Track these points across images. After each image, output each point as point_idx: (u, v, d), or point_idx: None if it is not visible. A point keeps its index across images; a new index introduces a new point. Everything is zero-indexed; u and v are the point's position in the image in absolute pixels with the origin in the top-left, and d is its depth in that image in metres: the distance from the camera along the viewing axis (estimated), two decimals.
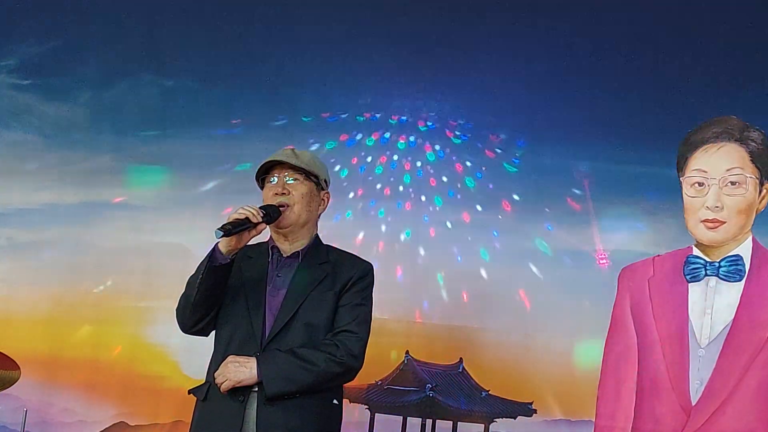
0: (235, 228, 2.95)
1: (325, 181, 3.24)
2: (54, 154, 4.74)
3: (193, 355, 4.33)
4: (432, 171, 4.59)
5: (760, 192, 3.80)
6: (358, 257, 3.25)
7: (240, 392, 2.99)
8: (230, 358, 3.02)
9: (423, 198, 4.58)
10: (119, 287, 4.56)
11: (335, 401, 3.11)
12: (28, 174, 4.72)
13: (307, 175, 3.16)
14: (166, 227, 4.61)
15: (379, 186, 4.61)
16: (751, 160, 3.78)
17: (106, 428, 4.42)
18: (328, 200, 3.26)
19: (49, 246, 4.63)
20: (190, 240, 4.52)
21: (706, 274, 3.80)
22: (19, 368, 3.73)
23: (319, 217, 3.25)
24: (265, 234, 3.16)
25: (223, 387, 2.99)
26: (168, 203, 4.64)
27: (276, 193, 3.13)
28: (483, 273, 4.43)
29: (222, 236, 2.94)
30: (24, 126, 4.80)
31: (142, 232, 4.62)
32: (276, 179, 3.17)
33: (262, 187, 3.23)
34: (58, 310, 4.55)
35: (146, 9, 4.78)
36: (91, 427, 4.42)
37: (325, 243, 3.27)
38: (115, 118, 4.75)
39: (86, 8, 4.82)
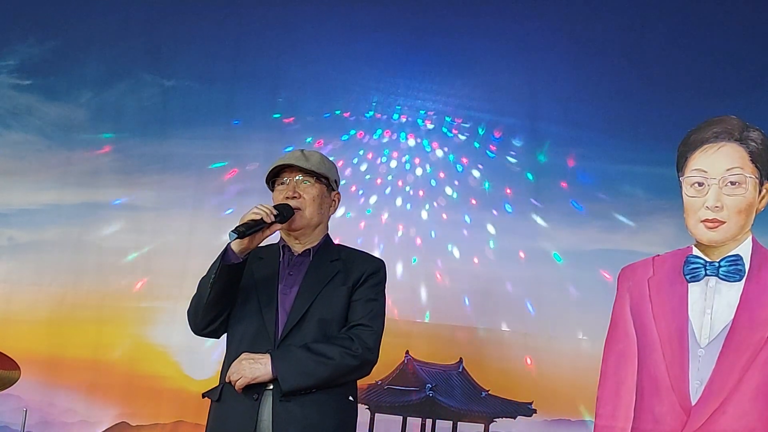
0: (249, 230, 2.93)
1: (335, 181, 3.20)
2: (54, 154, 4.73)
3: (194, 355, 4.34)
4: (433, 169, 4.58)
5: (760, 192, 3.81)
6: (370, 254, 3.23)
7: (254, 390, 2.95)
8: (244, 355, 2.97)
9: (424, 196, 4.57)
10: (120, 287, 4.56)
11: (350, 398, 3.06)
12: (28, 174, 4.71)
13: (318, 177, 3.13)
14: (166, 227, 4.61)
15: (380, 183, 4.61)
16: (750, 160, 3.79)
17: (108, 428, 4.42)
18: (338, 201, 3.21)
19: (50, 246, 4.63)
20: (191, 240, 4.52)
21: (705, 274, 3.81)
22: (19, 368, 3.71)
23: (329, 218, 3.23)
24: (275, 235, 3.15)
25: (238, 384, 2.94)
26: (168, 203, 4.64)
27: (287, 197, 3.08)
28: (483, 272, 4.43)
29: (236, 238, 2.93)
30: (24, 126, 4.79)
31: (142, 232, 4.62)
32: (286, 182, 3.13)
33: (272, 190, 3.20)
34: (59, 310, 4.55)
35: (146, 9, 4.78)
36: (93, 427, 4.41)
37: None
38: (115, 118, 4.75)
39: (86, 8, 4.82)
